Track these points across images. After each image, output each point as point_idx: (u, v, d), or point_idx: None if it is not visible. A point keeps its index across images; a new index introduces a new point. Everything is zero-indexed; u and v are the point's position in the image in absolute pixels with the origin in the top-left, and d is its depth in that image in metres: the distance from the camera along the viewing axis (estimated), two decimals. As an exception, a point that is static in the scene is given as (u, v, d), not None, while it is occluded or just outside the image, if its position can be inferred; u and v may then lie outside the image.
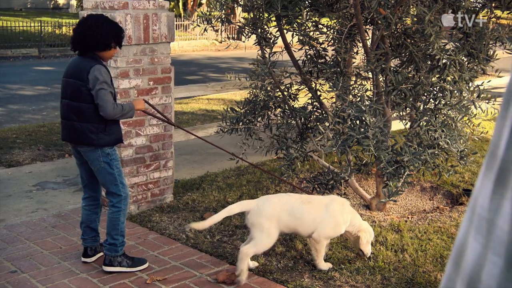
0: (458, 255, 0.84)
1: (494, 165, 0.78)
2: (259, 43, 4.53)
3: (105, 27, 3.53)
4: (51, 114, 9.35)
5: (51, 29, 19.87)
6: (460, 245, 0.85)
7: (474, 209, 0.82)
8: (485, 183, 0.79)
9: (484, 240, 0.77)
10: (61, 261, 3.90)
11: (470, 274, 0.79)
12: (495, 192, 0.76)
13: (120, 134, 3.77)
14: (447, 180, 5.38)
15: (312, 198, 3.79)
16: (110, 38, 3.54)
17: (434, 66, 4.14)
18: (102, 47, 3.55)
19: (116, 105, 3.55)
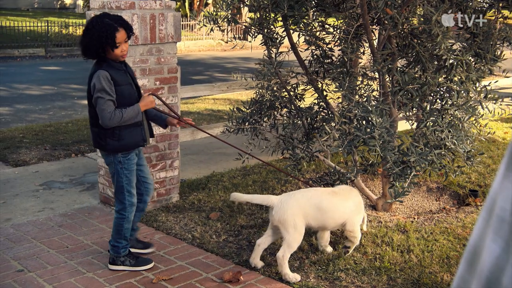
0: (473, 256, 0.84)
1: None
2: (265, 43, 4.53)
3: (92, 33, 3.36)
4: (57, 114, 9.38)
5: (58, 29, 19.94)
6: (475, 245, 0.84)
7: (491, 210, 0.81)
8: (506, 184, 0.78)
9: (505, 243, 0.76)
10: (68, 260, 3.91)
11: (488, 276, 0.78)
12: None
13: (133, 139, 3.60)
14: (453, 181, 5.36)
15: (336, 190, 3.87)
16: (97, 43, 3.36)
17: (441, 66, 4.12)
18: (93, 54, 3.44)
19: (114, 114, 3.41)
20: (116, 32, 3.37)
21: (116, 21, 3.42)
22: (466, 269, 0.86)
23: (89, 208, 4.95)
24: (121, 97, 3.49)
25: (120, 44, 3.42)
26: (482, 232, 0.85)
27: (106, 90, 3.40)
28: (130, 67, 3.77)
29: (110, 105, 3.41)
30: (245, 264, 3.84)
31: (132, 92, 3.58)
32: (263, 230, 4.34)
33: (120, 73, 3.52)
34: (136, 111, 3.52)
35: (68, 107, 9.99)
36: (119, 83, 3.48)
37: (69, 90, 11.74)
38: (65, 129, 7.92)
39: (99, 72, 3.43)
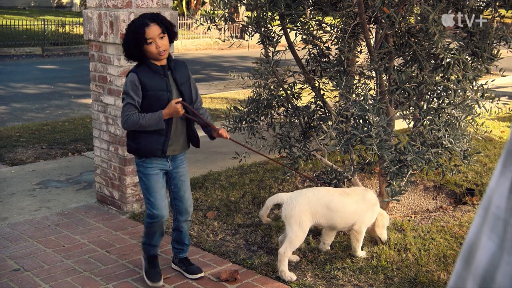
0: (469, 254, 0.84)
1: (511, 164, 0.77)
2: (262, 42, 4.52)
3: (126, 33, 3.27)
4: (54, 113, 9.36)
5: (55, 28, 19.89)
6: (471, 243, 0.84)
7: (488, 208, 0.81)
8: (502, 182, 0.78)
9: (499, 240, 0.76)
10: (64, 260, 3.91)
11: (483, 273, 0.79)
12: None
13: (149, 147, 3.35)
14: (450, 180, 5.37)
15: (348, 191, 3.85)
16: (129, 42, 3.23)
17: (438, 65, 4.12)
18: (129, 54, 3.29)
19: (131, 117, 3.23)
20: (146, 27, 3.19)
21: (148, 17, 3.24)
22: (463, 267, 0.87)
23: (85, 207, 4.94)
24: (149, 102, 3.29)
25: (152, 40, 3.19)
26: (479, 230, 0.85)
27: (128, 92, 3.26)
28: (183, 70, 3.47)
29: (128, 108, 3.25)
30: (242, 263, 3.84)
31: (163, 99, 3.29)
32: (260, 229, 4.35)
33: (155, 77, 3.29)
34: (157, 119, 3.24)
35: (64, 106, 9.97)
36: (149, 88, 3.27)
37: (65, 89, 11.71)
38: (62, 128, 7.90)
39: (129, 74, 3.30)
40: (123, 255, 3.99)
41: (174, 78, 3.38)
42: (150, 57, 3.27)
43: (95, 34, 4.64)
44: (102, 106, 4.76)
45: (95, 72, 4.79)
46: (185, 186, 3.60)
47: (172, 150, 3.44)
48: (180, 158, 3.54)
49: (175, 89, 3.37)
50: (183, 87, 3.41)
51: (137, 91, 3.25)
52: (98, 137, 4.90)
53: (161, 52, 3.23)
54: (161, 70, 3.32)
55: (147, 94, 3.28)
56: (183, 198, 3.60)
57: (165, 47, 3.24)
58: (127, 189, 4.67)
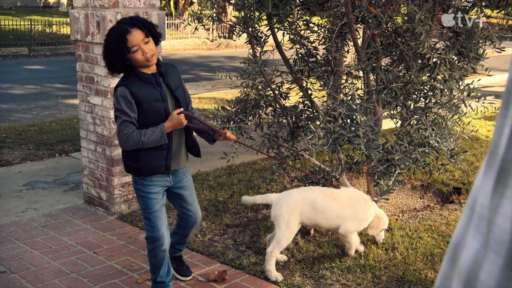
0: (455, 253, 0.84)
1: (495, 164, 0.77)
2: (250, 42, 4.52)
3: (106, 44, 2.97)
4: (41, 113, 9.30)
5: (41, 28, 19.75)
6: (457, 242, 0.85)
7: (473, 207, 0.82)
8: (486, 181, 0.79)
9: (484, 239, 0.77)
10: (51, 261, 3.88)
11: (468, 272, 0.79)
12: (495, 190, 0.76)
13: (151, 164, 3.06)
14: (437, 179, 5.40)
15: (336, 195, 3.78)
16: (111, 53, 2.94)
17: (424, 65, 4.15)
18: (114, 66, 3.00)
19: (131, 136, 2.93)
20: (127, 34, 2.88)
21: (127, 23, 2.93)
22: (449, 266, 0.87)
23: (73, 208, 4.91)
24: (145, 116, 2.99)
25: (137, 47, 2.90)
26: (464, 229, 0.85)
27: (122, 109, 2.93)
28: (175, 74, 3.18)
29: (126, 126, 2.94)
30: (231, 263, 3.83)
31: (160, 110, 3.01)
32: (249, 229, 4.35)
33: (147, 87, 2.99)
34: (159, 134, 2.97)
35: (52, 106, 9.91)
36: (143, 101, 2.96)
37: (53, 89, 11.64)
38: (49, 128, 7.85)
39: (118, 89, 2.97)
40: (110, 256, 3.97)
41: (168, 84, 3.10)
42: (137, 66, 2.98)
43: (81, 34, 4.61)
44: (89, 106, 4.74)
45: (82, 73, 4.76)
46: (191, 198, 3.37)
47: (176, 164, 3.19)
48: (181, 171, 3.27)
49: (169, 96, 3.10)
50: (177, 92, 3.13)
51: (131, 106, 2.94)
52: (85, 137, 4.87)
53: (149, 58, 2.94)
54: (152, 78, 3.02)
55: (141, 107, 2.97)
56: (191, 211, 3.38)
57: (152, 52, 2.95)
58: (115, 190, 4.65)
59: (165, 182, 3.19)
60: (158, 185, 3.16)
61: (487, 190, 0.79)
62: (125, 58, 2.93)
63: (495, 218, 0.76)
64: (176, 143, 3.15)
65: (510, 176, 0.75)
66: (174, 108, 3.09)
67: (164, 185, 3.19)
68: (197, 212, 3.43)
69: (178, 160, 3.20)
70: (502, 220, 0.74)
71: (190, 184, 3.36)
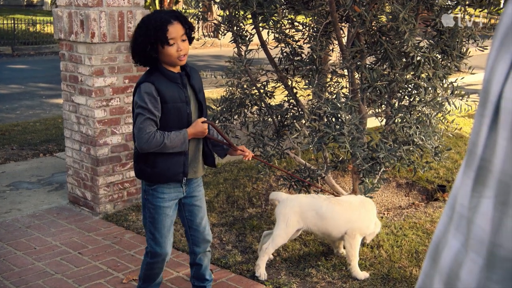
0: (435, 252, 0.85)
1: (473, 163, 0.78)
2: (235, 41, 4.52)
3: (140, 29, 2.76)
4: (25, 113, 9.21)
5: (25, 27, 19.57)
6: (438, 242, 0.85)
7: (453, 207, 0.83)
8: (465, 181, 0.80)
9: (464, 238, 0.78)
10: (35, 262, 3.85)
11: (448, 271, 0.80)
12: (474, 190, 0.76)
13: (170, 171, 2.85)
14: (422, 176, 5.44)
15: (341, 200, 3.75)
16: (145, 40, 2.71)
17: (408, 63, 4.17)
18: (141, 55, 2.79)
19: (154, 136, 2.74)
20: (169, 24, 2.70)
21: (169, 14, 2.77)
22: (430, 265, 0.88)
23: (57, 208, 4.88)
24: (166, 117, 2.81)
25: (174, 41, 2.72)
26: (445, 228, 0.86)
27: (147, 107, 2.75)
28: (198, 77, 3.01)
29: (149, 125, 2.75)
30: (217, 262, 3.83)
31: (183, 112, 2.83)
32: (235, 228, 4.34)
33: (172, 87, 2.81)
34: (182, 139, 2.80)
35: (36, 106, 9.82)
36: (167, 100, 2.78)
37: (37, 89, 11.54)
38: (33, 128, 7.78)
39: (143, 85, 2.77)
40: (96, 257, 3.95)
41: (192, 86, 2.91)
42: (165, 62, 2.79)
43: (65, 33, 4.58)
44: (74, 106, 4.70)
45: (66, 72, 4.72)
46: (202, 212, 3.10)
47: (193, 172, 2.97)
48: (195, 181, 3.03)
49: (193, 99, 2.91)
50: (200, 95, 2.94)
51: (156, 104, 2.75)
52: (70, 137, 4.84)
53: (181, 57, 2.76)
54: (178, 78, 2.83)
55: (165, 107, 2.78)
56: (200, 226, 3.09)
57: (186, 51, 2.78)
58: (100, 189, 4.62)
59: (178, 193, 2.95)
60: (170, 198, 2.92)
61: (467, 190, 0.80)
62: (157, 50, 2.72)
63: (474, 218, 0.76)
64: (193, 150, 2.94)
65: (488, 175, 0.75)
66: (196, 111, 2.92)
67: (176, 197, 2.96)
68: (206, 228, 3.13)
69: (195, 168, 2.98)
70: (481, 220, 0.75)
71: (202, 196, 3.10)
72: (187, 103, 2.84)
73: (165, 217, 2.92)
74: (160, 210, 2.90)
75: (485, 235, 0.73)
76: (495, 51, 0.78)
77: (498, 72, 0.74)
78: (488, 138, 0.76)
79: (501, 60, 0.75)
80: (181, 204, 3.03)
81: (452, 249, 0.81)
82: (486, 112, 0.75)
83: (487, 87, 0.76)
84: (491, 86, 0.75)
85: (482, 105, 0.77)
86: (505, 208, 0.71)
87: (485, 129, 0.76)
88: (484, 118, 0.75)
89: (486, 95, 0.76)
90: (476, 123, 0.79)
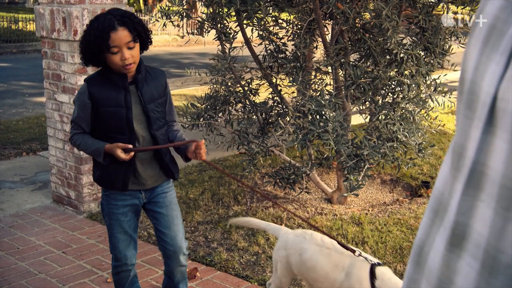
0: (419, 256, 0.84)
1: (463, 167, 0.77)
2: (219, 38, 4.51)
3: (86, 32, 2.57)
4: (7, 112, 9.12)
5: (7, 25, 19.37)
6: (421, 245, 0.84)
7: (437, 209, 0.82)
8: (454, 184, 0.79)
9: (451, 241, 0.77)
10: (19, 262, 3.81)
11: (439, 275, 0.79)
12: (466, 194, 0.75)
13: (109, 177, 2.70)
14: (406, 173, 5.47)
15: (334, 251, 2.76)
16: (88, 45, 2.54)
17: (392, 60, 4.19)
18: (87, 58, 2.61)
19: (73, 138, 2.69)
20: (112, 31, 2.48)
21: (117, 18, 2.53)
22: (414, 269, 0.87)
23: (41, 207, 4.83)
24: (101, 120, 2.64)
25: (118, 49, 2.51)
26: (428, 231, 0.85)
27: (76, 108, 2.66)
28: (157, 83, 2.75)
29: (72, 127, 2.69)
30: (201, 261, 3.82)
31: (120, 117, 2.62)
32: (220, 226, 4.34)
33: (114, 91, 2.61)
34: (95, 152, 2.64)
35: (19, 104, 9.72)
36: (101, 104, 2.61)
37: (19, 87, 11.42)
38: (16, 127, 7.70)
39: (83, 85, 2.67)
40: (80, 256, 3.92)
41: (140, 95, 2.66)
42: (112, 67, 2.59)
43: (47, 31, 4.53)
44: (57, 104, 4.66)
45: (48, 70, 4.68)
46: (169, 221, 2.83)
47: (140, 184, 2.76)
48: (158, 189, 2.83)
49: (139, 107, 2.67)
50: (150, 106, 2.68)
51: (84, 108, 2.63)
52: (53, 136, 4.80)
53: (126, 66, 2.54)
54: (119, 80, 2.61)
55: (102, 110, 2.62)
56: (167, 236, 2.83)
57: (133, 59, 2.55)
58: (84, 188, 4.59)
59: (135, 199, 2.78)
60: (125, 205, 2.76)
61: (456, 193, 0.79)
62: (101, 56, 2.55)
63: (470, 222, 0.75)
64: (146, 159, 2.75)
65: (483, 178, 0.74)
66: (143, 121, 2.69)
67: (133, 204, 2.78)
68: (176, 239, 2.84)
69: (154, 177, 2.79)
70: (479, 224, 0.74)
71: (168, 203, 2.85)
72: (128, 108, 2.62)
73: (118, 225, 2.77)
74: (114, 217, 2.76)
75: (483, 239, 0.72)
76: (478, 52, 0.77)
77: (489, 73, 0.73)
78: (482, 141, 0.74)
79: (490, 61, 0.74)
80: (146, 210, 2.88)
81: (438, 253, 0.80)
82: (476, 114, 0.73)
83: (474, 89, 0.74)
84: (481, 88, 0.73)
85: (468, 107, 0.75)
86: (508, 214, 0.70)
87: (477, 131, 0.75)
88: (473, 120, 0.74)
89: (473, 96, 0.74)
90: (463, 125, 0.77)
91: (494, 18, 0.76)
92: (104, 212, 2.82)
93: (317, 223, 4.30)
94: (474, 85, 0.74)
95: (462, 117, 0.76)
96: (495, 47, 0.72)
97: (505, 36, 0.72)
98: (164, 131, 2.80)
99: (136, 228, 2.87)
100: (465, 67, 0.82)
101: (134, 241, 2.86)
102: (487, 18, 0.76)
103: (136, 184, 2.74)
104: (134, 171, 2.72)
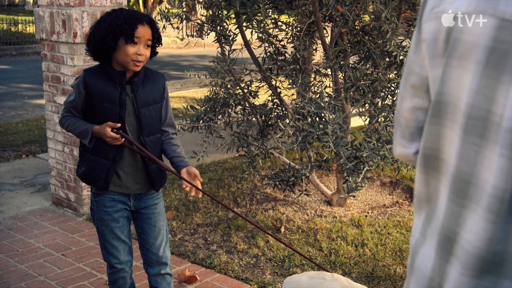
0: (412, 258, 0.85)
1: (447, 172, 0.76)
2: (218, 41, 4.51)
3: (103, 20, 2.52)
4: (7, 114, 9.12)
5: (7, 27, 19.38)
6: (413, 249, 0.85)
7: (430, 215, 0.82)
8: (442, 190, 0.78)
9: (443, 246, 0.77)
10: (18, 264, 3.81)
11: (430, 278, 0.79)
12: (451, 200, 0.75)
13: (92, 173, 2.62)
14: (406, 175, 5.47)
15: None
16: (107, 30, 2.47)
17: (391, 63, 4.20)
18: (97, 44, 2.53)
19: (61, 119, 2.66)
20: (140, 23, 2.47)
21: (143, 15, 2.55)
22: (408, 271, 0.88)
23: (40, 210, 4.83)
24: (94, 115, 2.59)
25: (138, 42, 2.48)
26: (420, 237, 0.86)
27: (72, 94, 2.62)
28: (154, 87, 2.68)
29: (64, 109, 2.66)
30: (201, 263, 3.82)
31: (112, 114, 2.55)
32: (219, 228, 4.34)
33: (110, 86, 2.55)
34: (83, 132, 2.59)
35: (18, 107, 9.73)
36: (95, 97, 2.56)
37: (19, 89, 11.42)
38: (15, 129, 7.70)
39: (81, 73, 2.61)
40: (79, 258, 3.92)
41: (134, 97, 2.59)
42: (118, 60, 2.53)
43: (47, 33, 4.54)
44: (56, 106, 4.66)
45: (48, 72, 4.68)
46: (156, 232, 2.77)
47: (124, 187, 2.67)
48: (147, 197, 2.75)
49: (131, 109, 2.60)
50: (142, 110, 2.61)
51: (79, 97, 2.59)
52: (53, 138, 4.80)
53: (136, 62, 2.50)
54: (117, 76, 2.56)
55: (96, 104, 2.57)
56: (153, 247, 2.78)
57: (144, 58, 2.53)
58: (83, 190, 4.59)
59: (123, 205, 2.70)
60: (114, 211, 2.69)
61: (443, 199, 0.78)
62: (116, 43, 2.47)
63: (460, 231, 0.75)
64: (130, 162, 2.66)
65: (469, 187, 0.73)
66: (134, 123, 2.63)
67: (122, 209, 2.71)
68: (160, 249, 2.79)
69: (140, 184, 2.70)
70: (469, 235, 0.73)
71: (157, 215, 2.77)
72: (122, 107, 2.56)
73: (112, 230, 2.70)
74: (105, 223, 2.69)
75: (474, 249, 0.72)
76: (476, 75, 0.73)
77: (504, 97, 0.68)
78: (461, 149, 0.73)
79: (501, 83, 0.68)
80: (133, 218, 2.80)
81: (428, 257, 0.80)
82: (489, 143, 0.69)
83: (479, 114, 0.70)
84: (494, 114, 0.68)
85: (479, 135, 0.71)
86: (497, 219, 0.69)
87: (456, 139, 0.73)
88: (486, 149, 0.70)
89: (484, 123, 0.70)
90: (470, 152, 0.72)
91: (491, 40, 0.72)
92: (94, 218, 2.74)
93: (316, 225, 4.30)
94: (480, 110, 0.70)
95: (467, 144, 0.72)
96: (504, 69, 0.68)
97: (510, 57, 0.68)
98: (157, 140, 2.71)
99: (129, 234, 2.78)
100: (449, 90, 0.78)
101: (129, 247, 2.78)
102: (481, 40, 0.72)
103: (119, 186, 2.66)
104: (117, 173, 2.64)
